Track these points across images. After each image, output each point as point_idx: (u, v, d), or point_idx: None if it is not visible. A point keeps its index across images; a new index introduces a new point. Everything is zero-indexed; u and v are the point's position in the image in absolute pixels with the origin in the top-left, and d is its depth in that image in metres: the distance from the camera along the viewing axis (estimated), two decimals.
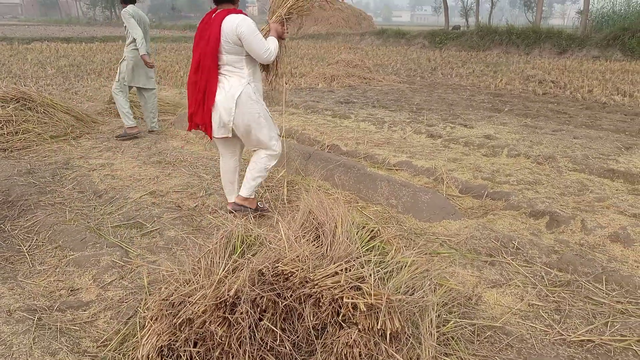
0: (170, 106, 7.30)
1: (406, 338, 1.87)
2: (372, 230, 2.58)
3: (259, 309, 1.84)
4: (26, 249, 3.00)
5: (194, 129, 3.26)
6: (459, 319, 2.28)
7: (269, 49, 3.01)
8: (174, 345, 1.87)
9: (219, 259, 2.08)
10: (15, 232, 3.21)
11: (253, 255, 2.12)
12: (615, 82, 10.12)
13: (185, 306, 1.87)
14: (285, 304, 1.83)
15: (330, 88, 9.87)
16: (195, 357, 1.85)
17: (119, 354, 2.06)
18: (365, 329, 1.76)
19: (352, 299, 1.77)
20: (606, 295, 2.50)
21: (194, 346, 1.85)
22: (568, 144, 5.28)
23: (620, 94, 8.87)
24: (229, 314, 1.82)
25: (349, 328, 1.78)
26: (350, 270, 1.93)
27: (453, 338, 2.13)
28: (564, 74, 11.42)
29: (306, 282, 1.84)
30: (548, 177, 4.25)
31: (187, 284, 1.99)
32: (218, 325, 1.80)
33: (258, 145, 3.28)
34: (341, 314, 1.79)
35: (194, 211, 3.61)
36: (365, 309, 1.75)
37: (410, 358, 1.85)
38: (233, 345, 1.80)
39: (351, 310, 1.77)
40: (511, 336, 2.19)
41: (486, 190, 3.92)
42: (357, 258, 2.07)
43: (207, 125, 3.13)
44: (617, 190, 3.98)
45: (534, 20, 24.34)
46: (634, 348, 2.10)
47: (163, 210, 3.59)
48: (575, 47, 17.10)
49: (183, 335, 1.85)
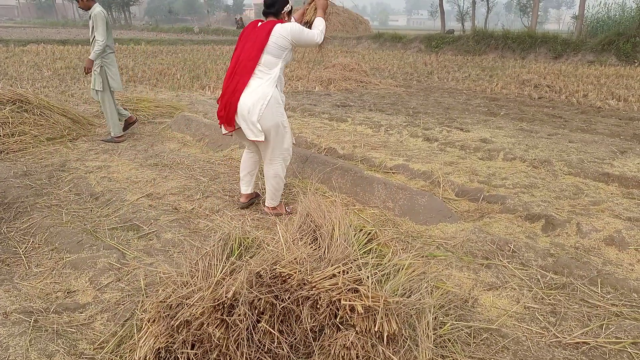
0: (166, 109, 7.30)
1: (403, 340, 1.87)
2: (369, 233, 2.59)
3: (256, 311, 1.84)
4: (22, 251, 2.99)
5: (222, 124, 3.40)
6: (456, 321, 2.29)
7: (318, 33, 3.34)
8: (171, 347, 1.87)
9: (217, 261, 2.08)
10: (12, 235, 3.20)
11: (251, 258, 2.12)
12: (610, 87, 10.19)
13: (182, 308, 1.87)
14: (283, 306, 1.84)
15: (327, 91, 9.90)
16: (192, 359, 1.85)
17: (116, 356, 2.06)
18: (362, 331, 1.77)
19: (350, 301, 1.78)
20: (601, 298, 2.52)
21: (192, 348, 1.85)
22: (563, 147, 5.31)
23: (615, 99, 8.93)
24: (227, 316, 1.82)
25: (347, 330, 1.79)
26: (347, 272, 1.94)
27: (450, 340, 2.14)
28: (560, 79, 11.49)
29: (304, 285, 1.85)
30: (544, 181, 4.27)
31: (185, 286, 1.99)
32: (216, 327, 1.80)
33: (274, 152, 3.39)
34: (339, 316, 1.80)
35: (191, 214, 3.61)
36: (362, 311, 1.76)
37: None
38: (231, 347, 1.80)
39: (349, 312, 1.78)
40: (507, 338, 2.20)
41: (482, 193, 3.94)
42: (355, 260, 2.08)
43: (230, 119, 3.27)
44: (612, 194, 4.01)
45: (530, 25, 24.49)
46: (629, 350, 2.11)
47: (160, 212, 3.58)
48: (570, 52, 17.21)
49: (180, 337, 1.85)
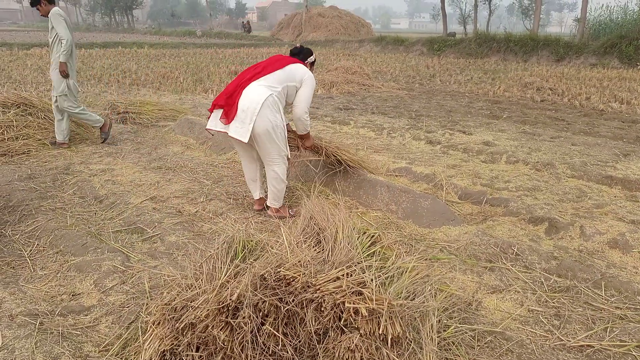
0: (169, 112, 7.32)
1: (407, 343, 1.88)
2: (373, 236, 2.59)
3: (261, 314, 1.85)
4: (27, 254, 3.00)
5: (213, 110, 3.40)
6: (460, 324, 2.29)
7: (307, 119, 3.57)
8: (176, 349, 1.88)
9: (221, 264, 2.09)
10: (17, 237, 3.22)
11: (255, 260, 2.13)
12: (612, 90, 10.18)
13: (187, 311, 1.88)
14: (287, 309, 1.84)
15: (329, 94, 9.92)
16: None
17: (121, 359, 2.07)
18: (366, 334, 1.77)
19: (354, 303, 1.78)
20: (605, 301, 2.52)
21: (197, 351, 1.86)
22: (566, 150, 5.31)
23: (618, 101, 8.93)
24: (232, 319, 1.83)
25: (351, 333, 1.79)
26: (351, 275, 1.94)
27: (454, 343, 2.15)
28: (562, 81, 11.49)
29: (308, 287, 1.85)
30: (547, 184, 4.27)
31: (190, 288, 1.99)
32: (220, 330, 1.81)
33: (272, 154, 3.40)
34: (343, 319, 1.80)
35: (194, 216, 3.63)
36: (366, 314, 1.76)
37: None
38: (235, 349, 1.81)
39: (353, 315, 1.79)
40: (511, 341, 2.20)
41: (485, 196, 3.94)
42: (358, 263, 2.09)
43: (230, 112, 3.27)
44: (616, 196, 4.01)
45: (532, 28, 24.49)
46: (634, 353, 2.11)
47: (164, 215, 3.60)
48: (572, 55, 17.21)
49: (185, 340, 1.85)
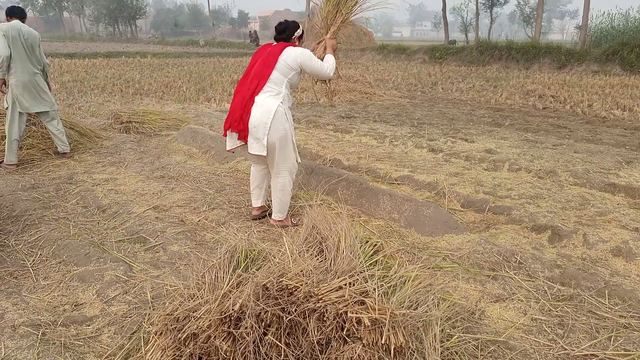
0: (172, 121, 7.35)
1: (410, 353, 1.87)
2: (375, 245, 2.59)
3: (263, 324, 1.84)
4: (30, 264, 3.01)
5: (227, 133, 3.46)
6: (463, 333, 2.28)
7: (327, 66, 3.46)
8: None
9: (223, 273, 2.09)
10: (20, 247, 3.23)
11: (257, 270, 2.13)
12: (614, 97, 10.18)
13: (189, 321, 1.88)
14: (290, 319, 1.84)
15: (331, 103, 9.94)
16: None
17: None
18: (369, 344, 1.76)
19: (357, 313, 1.78)
20: (609, 310, 2.51)
21: None
22: (569, 158, 5.31)
23: (620, 109, 8.92)
24: (234, 329, 1.83)
25: (353, 343, 1.78)
26: (354, 284, 1.94)
27: (457, 353, 2.13)
28: (564, 89, 11.50)
29: (310, 297, 1.85)
30: (549, 191, 4.26)
31: (192, 298, 1.99)
32: (223, 340, 1.81)
33: (279, 165, 3.42)
34: (345, 329, 1.80)
35: (197, 226, 3.63)
36: (369, 324, 1.76)
37: None
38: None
39: (355, 325, 1.78)
40: (515, 351, 2.19)
41: (488, 204, 3.94)
42: (361, 272, 2.08)
43: (247, 134, 3.32)
44: (619, 204, 4.00)
45: (533, 36, 24.56)
46: None
47: (166, 224, 3.60)
48: (574, 62, 17.23)
49: (188, 350, 1.85)
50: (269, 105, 3.25)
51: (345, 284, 1.91)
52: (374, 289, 1.94)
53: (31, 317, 2.42)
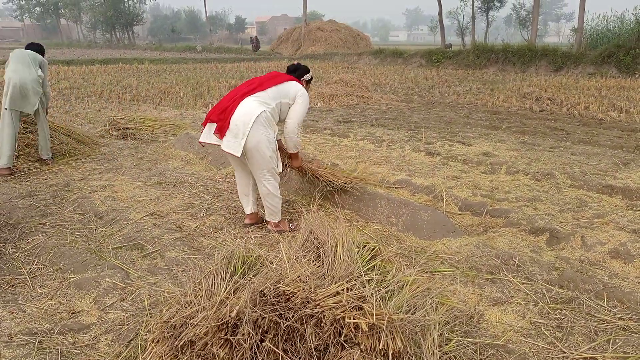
0: (170, 127, 7.35)
1: (408, 358, 1.86)
2: (373, 249, 2.59)
3: (260, 330, 1.83)
4: (27, 272, 2.99)
5: (207, 124, 3.47)
6: (461, 337, 2.27)
7: (299, 128, 3.56)
8: None
9: (220, 280, 2.09)
10: (16, 255, 3.22)
11: (254, 276, 2.12)
12: (611, 99, 10.21)
13: (186, 328, 1.87)
14: (287, 325, 1.83)
15: (328, 107, 9.96)
16: None
17: None
18: (367, 349, 1.76)
19: (354, 319, 1.77)
20: (608, 312, 2.50)
21: None
22: (566, 160, 5.31)
23: (617, 111, 8.95)
24: (231, 336, 1.82)
25: (351, 348, 1.78)
26: (351, 289, 1.93)
27: (455, 357, 2.13)
28: (561, 91, 11.53)
29: (308, 303, 1.84)
30: (547, 194, 4.26)
31: (189, 305, 1.99)
32: (220, 347, 1.80)
33: (261, 170, 3.41)
34: (343, 334, 1.79)
35: (194, 232, 3.62)
36: (367, 329, 1.75)
37: None
38: None
39: (353, 330, 1.77)
40: (513, 354, 2.18)
41: (485, 207, 3.93)
42: (358, 277, 2.08)
43: (224, 127, 3.33)
44: (616, 206, 4.00)
45: (530, 39, 24.66)
46: None
47: (164, 231, 3.59)
48: (570, 65, 17.29)
49: (185, 358, 1.84)
50: (254, 108, 3.28)
51: (342, 289, 1.90)
52: (372, 294, 1.93)
53: (28, 326, 2.41)
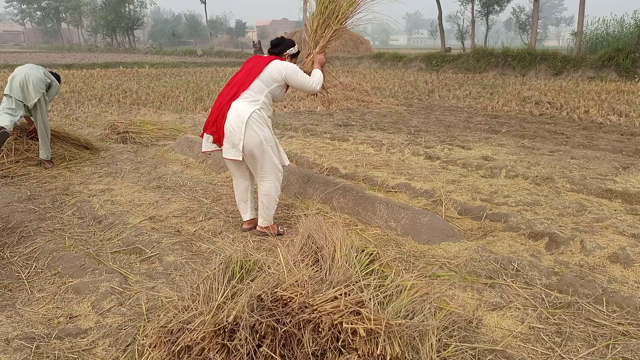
0: (169, 131, 7.36)
1: None
2: (371, 254, 2.58)
3: (257, 335, 1.83)
4: (25, 276, 2.99)
5: (204, 135, 3.52)
6: (460, 343, 2.26)
7: (314, 81, 3.49)
8: None
9: (218, 284, 2.08)
10: (15, 259, 3.21)
11: (252, 281, 2.12)
12: (611, 103, 10.22)
13: (183, 333, 1.87)
14: (285, 330, 1.83)
15: (328, 111, 9.96)
16: None
17: None
18: (364, 355, 1.75)
19: (352, 324, 1.76)
20: (607, 317, 2.49)
21: None
22: (565, 164, 5.31)
23: (617, 114, 8.95)
24: (228, 341, 1.81)
25: (349, 354, 1.77)
26: (349, 294, 1.93)
27: None
28: (560, 95, 11.54)
29: (305, 308, 1.84)
30: (546, 198, 4.26)
31: (186, 310, 1.98)
32: (217, 353, 1.79)
33: (263, 170, 3.41)
34: (340, 340, 1.78)
35: (193, 236, 3.62)
36: (364, 334, 1.74)
37: None
38: None
39: (350, 335, 1.77)
40: None
41: (485, 211, 3.93)
42: (357, 282, 2.07)
43: (220, 137, 3.37)
44: (616, 210, 3.99)
45: (529, 42, 24.70)
46: None
47: (162, 235, 3.59)
48: (570, 68, 17.32)
49: None
50: (242, 111, 3.27)
51: (340, 294, 1.90)
52: (370, 299, 1.92)
53: (25, 330, 2.40)
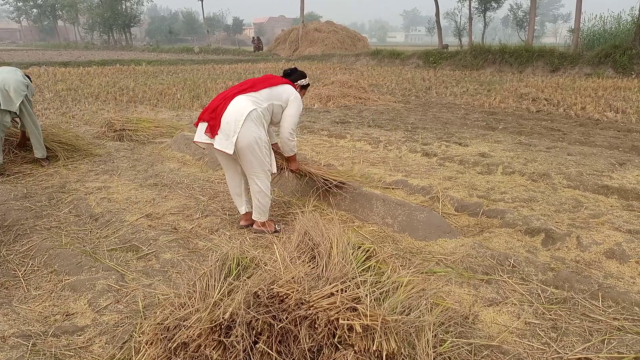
0: (166, 129, 7.34)
1: (402, 359, 1.86)
2: (368, 250, 2.58)
3: (254, 332, 1.83)
4: (21, 274, 2.98)
5: (199, 123, 3.46)
6: (456, 338, 2.27)
7: (294, 132, 3.56)
8: None
9: (215, 281, 2.08)
10: (11, 257, 3.20)
11: (248, 278, 2.12)
12: (607, 99, 10.23)
13: (180, 330, 1.87)
14: (281, 326, 1.83)
15: (326, 108, 9.96)
16: None
17: None
18: (361, 351, 1.75)
19: (348, 320, 1.77)
20: (603, 312, 2.50)
21: None
22: (562, 160, 5.32)
23: (613, 111, 8.97)
24: (224, 338, 1.81)
25: (345, 350, 1.77)
26: (346, 291, 1.93)
27: (450, 358, 2.12)
28: (557, 92, 11.55)
29: (302, 304, 1.84)
30: (543, 194, 4.27)
31: (183, 307, 1.98)
32: (213, 349, 1.79)
33: (251, 170, 3.40)
34: (337, 336, 1.79)
35: (190, 233, 3.61)
36: (361, 330, 1.75)
37: None
38: None
39: (347, 331, 1.77)
40: (508, 355, 2.18)
41: (481, 208, 3.94)
42: (353, 278, 2.08)
43: (215, 126, 3.32)
44: (612, 206, 4.00)
45: (527, 39, 24.71)
46: None
47: (159, 232, 3.58)
48: (567, 65, 17.33)
49: None
50: (244, 107, 3.26)
51: (336, 291, 1.90)
52: (366, 295, 1.93)
53: (21, 328, 2.40)
